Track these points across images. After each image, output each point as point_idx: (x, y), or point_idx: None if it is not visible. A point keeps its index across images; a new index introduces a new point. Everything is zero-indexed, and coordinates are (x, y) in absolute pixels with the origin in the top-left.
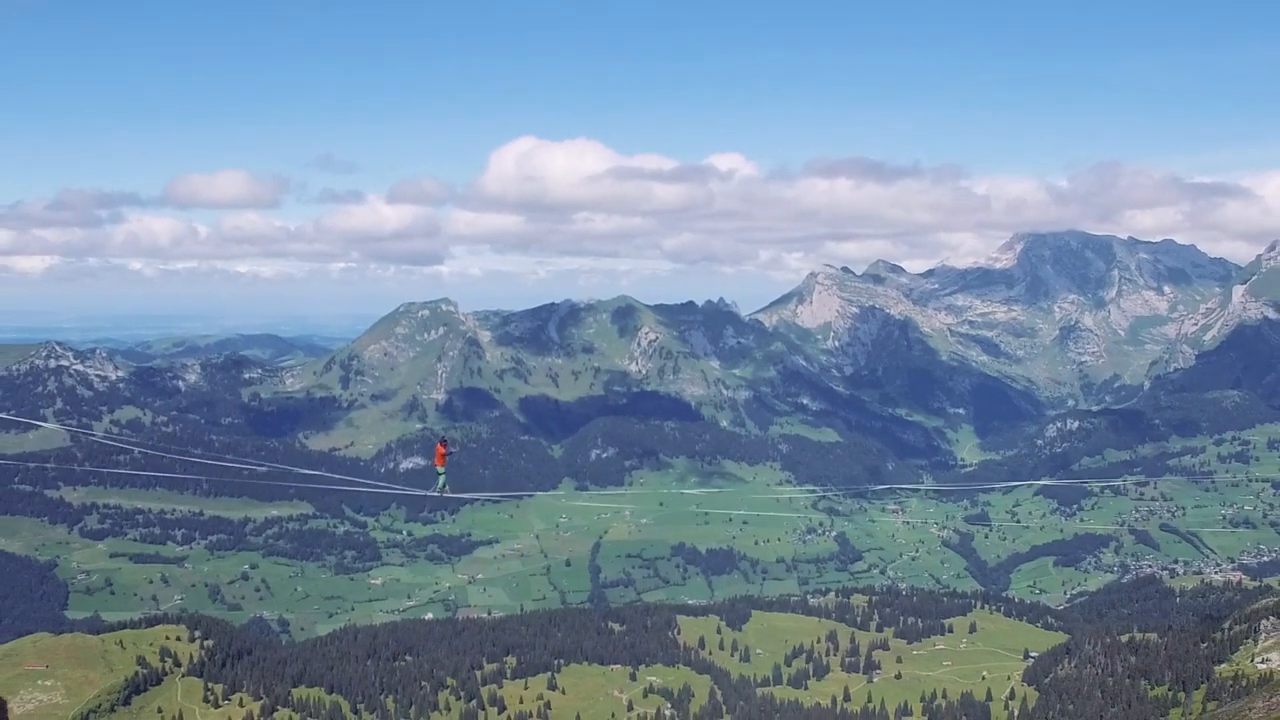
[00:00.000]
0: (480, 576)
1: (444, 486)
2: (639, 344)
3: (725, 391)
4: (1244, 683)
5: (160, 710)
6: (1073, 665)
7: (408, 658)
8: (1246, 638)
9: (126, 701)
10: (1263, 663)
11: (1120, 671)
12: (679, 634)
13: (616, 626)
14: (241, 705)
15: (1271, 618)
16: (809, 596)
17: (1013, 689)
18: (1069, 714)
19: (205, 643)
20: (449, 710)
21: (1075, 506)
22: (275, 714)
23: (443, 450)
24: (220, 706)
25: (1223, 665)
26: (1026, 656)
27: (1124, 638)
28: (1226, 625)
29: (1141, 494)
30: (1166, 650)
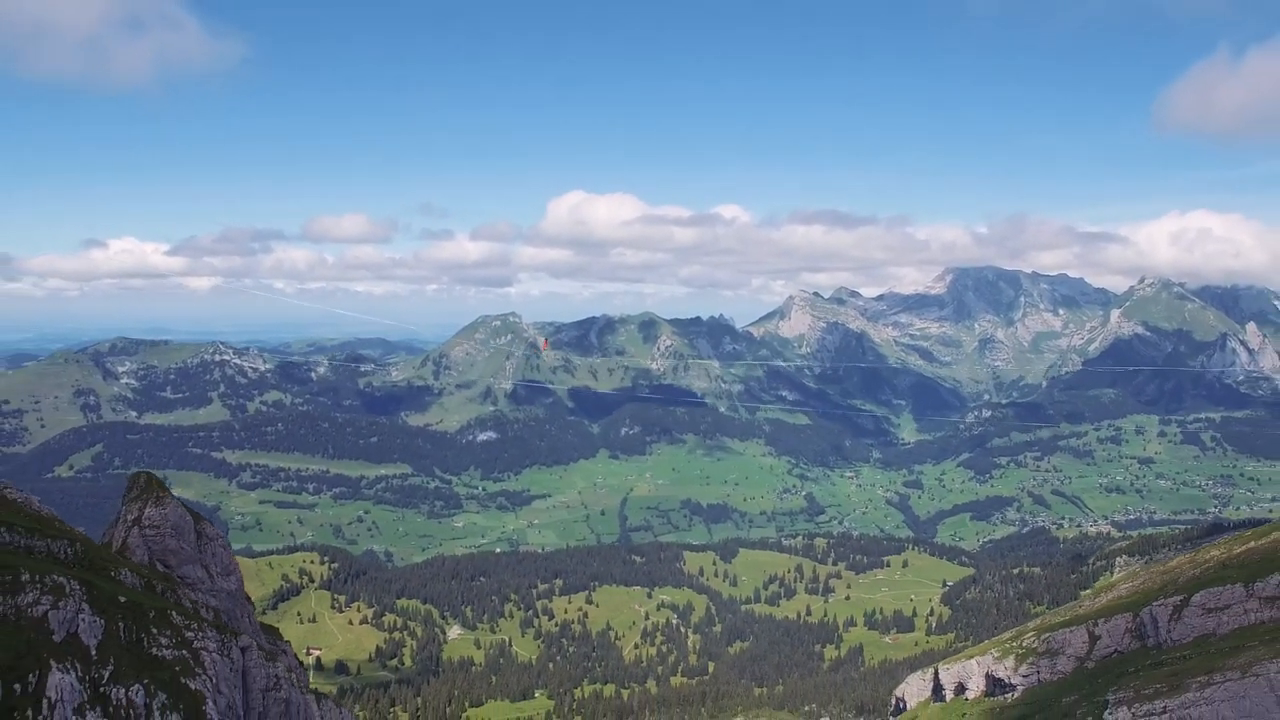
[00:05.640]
0: (536, 522)
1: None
2: (659, 348)
3: (724, 385)
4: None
5: (299, 613)
6: (977, 590)
7: (481, 579)
8: (1105, 570)
9: (274, 607)
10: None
11: (1011, 595)
12: (684, 565)
13: (638, 559)
14: (358, 611)
15: (1124, 556)
16: (783, 539)
17: (932, 607)
18: (972, 625)
19: (332, 566)
20: (512, 617)
21: (987, 475)
22: (384, 618)
23: (546, 342)
24: (343, 612)
25: (1087, 590)
26: (944, 585)
27: (1015, 570)
28: (1091, 561)
29: (1038, 466)
30: (1046, 579)
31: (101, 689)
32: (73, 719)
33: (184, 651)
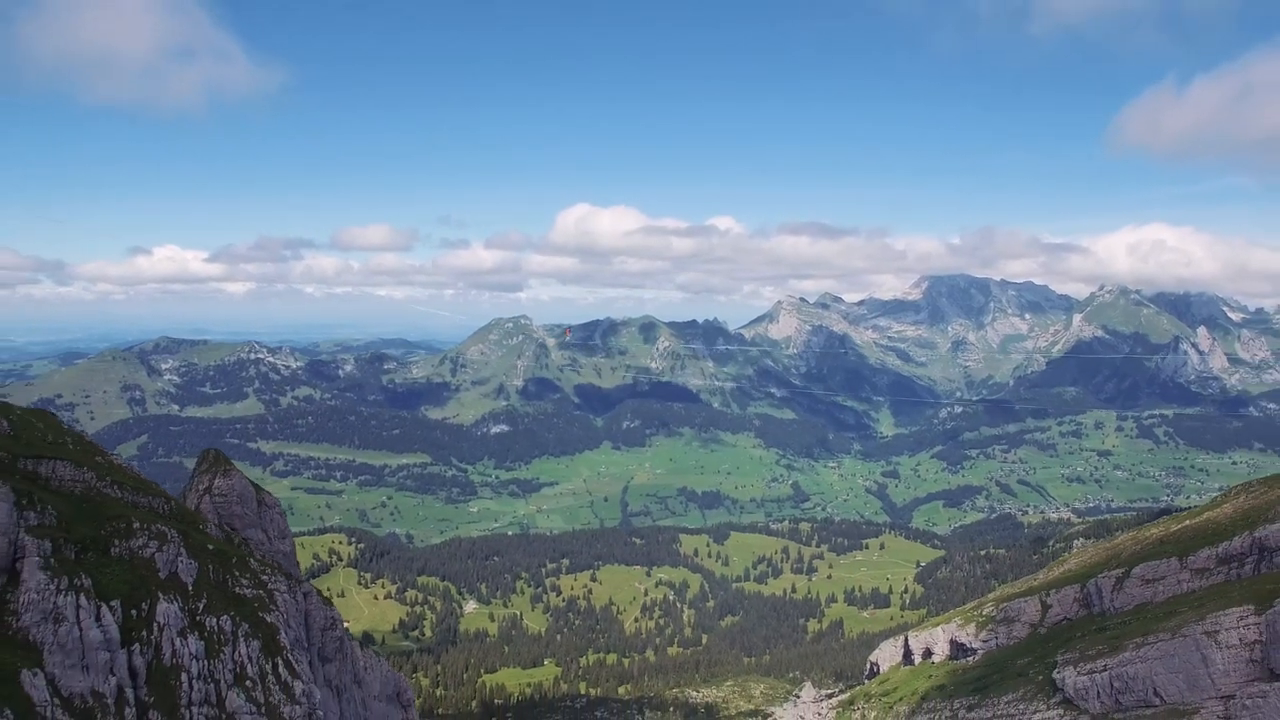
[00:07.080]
0: (545, 507)
1: (567, 338)
2: (658, 349)
3: (717, 383)
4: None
5: (328, 589)
6: (948, 570)
7: (495, 558)
8: (1064, 551)
9: None
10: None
11: (979, 574)
12: (680, 547)
13: (638, 541)
14: (383, 587)
15: (1080, 539)
16: (771, 524)
17: (907, 585)
18: (943, 601)
19: (358, 546)
20: (523, 594)
21: (958, 466)
22: (406, 594)
23: (569, 331)
24: (369, 588)
25: (1044, 569)
26: (918, 565)
27: (983, 552)
28: (1051, 543)
29: (1005, 458)
30: (1010, 560)
31: (198, 618)
32: (177, 640)
33: (260, 591)
